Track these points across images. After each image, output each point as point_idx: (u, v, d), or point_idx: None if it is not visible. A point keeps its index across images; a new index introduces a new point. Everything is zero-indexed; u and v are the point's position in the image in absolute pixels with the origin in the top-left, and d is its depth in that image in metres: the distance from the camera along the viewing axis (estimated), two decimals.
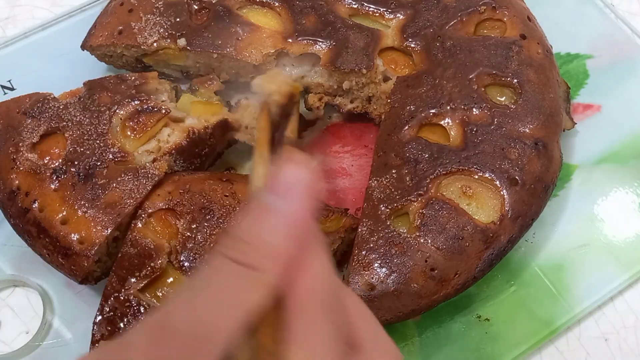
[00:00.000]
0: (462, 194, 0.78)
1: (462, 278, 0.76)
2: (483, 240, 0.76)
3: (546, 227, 0.86)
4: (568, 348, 0.81)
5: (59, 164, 0.80)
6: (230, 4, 0.92)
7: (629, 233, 0.86)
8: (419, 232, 0.76)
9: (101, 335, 0.73)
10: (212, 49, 0.89)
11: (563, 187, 0.89)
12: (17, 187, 0.79)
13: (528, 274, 0.84)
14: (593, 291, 0.82)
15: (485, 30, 0.89)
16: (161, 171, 0.80)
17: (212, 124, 0.85)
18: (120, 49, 0.92)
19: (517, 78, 0.84)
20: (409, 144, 0.81)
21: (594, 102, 0.95)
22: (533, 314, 0.81)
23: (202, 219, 0.78)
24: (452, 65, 0.85)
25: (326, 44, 0.89)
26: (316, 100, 0.92)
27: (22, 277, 0.83)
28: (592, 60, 0.99)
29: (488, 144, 0.80)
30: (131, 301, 0.74)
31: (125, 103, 0.84)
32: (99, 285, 0.81)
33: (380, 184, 0.79)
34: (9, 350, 0.80)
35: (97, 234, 0.77)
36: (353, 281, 0.74)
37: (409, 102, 0.84)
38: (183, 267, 0.75)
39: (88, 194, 0.78)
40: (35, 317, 0.82)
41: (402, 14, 0.90)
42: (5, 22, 1.05)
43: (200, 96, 0.90)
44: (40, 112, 0.83)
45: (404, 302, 0.75)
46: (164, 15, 0.91)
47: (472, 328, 0.81)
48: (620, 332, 0.82)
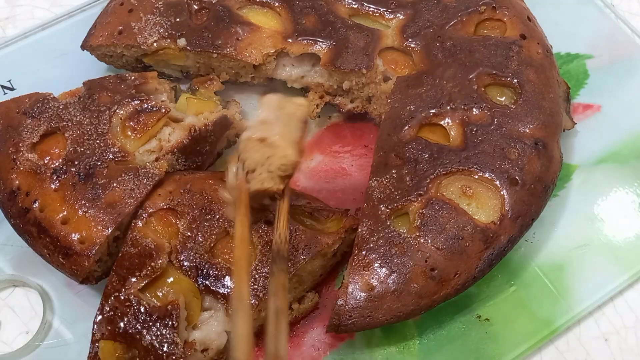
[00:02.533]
0: (462, 194, 0.78)
1: (462, 278, 0.76)
2: (483, 240, 0.76)
3: (546, 227, 0.86)
4: (568, 348, 0.81)
5: (59, 163, 0.80)
6: (230, 4, 0.92)
7: (629, 233, 0.86)
8: (419, 232, 0.76)
9: (101, 334, 0.73)
10: (212, 49, 0.89)
11: (563, 187, 0.89)
12: (17, 187, 0.79)
13: (528, 274, 0.84)
14: (593, 291, 0.83)
15: (485, 30, 0.89)
16: (162, 170, 0.80)
17: (211, 121, 0.86)
18: (120, 49, 0.92)
19: (517, 78, 0.84)
20: (409, 144, 0.81)
21: (594, 102, 0.95)
22: (533, 314, 0.81)
23: (203, 219, 0.78)
24: (452, 65, 0.86)
25: (326, 44, 0.89)
26: (317, 99, 0.92)
27: (22, 277, 0.83)
28: (592, 60, 0.99)
29: (488, 144, 0.80)
30: (131, 301, 0.74)
31: (125, 103, 0.84)
32: (99, 285, 0.81)
33: (380, 184, 0.79)
34: (9, 350, 0.80)
35: (98, 234, 0.77)
36: (353, 281, 0.74)
37: (409, 102, 0.84)
38: (183, 266, 0.75)
39: (88, 193, 0.78)
40: (35, 317, 0.82)
41: (402, 14, 0.90)
42: (5, 22, 1.05)
43: (200, 96, 0.90)
44: (40, 112, 0.83)
45: (404, 302, 0.75)
46: (164, 15, 0.91)
47: (472, 328, 0.81)
48: (620, 332, 0.82)
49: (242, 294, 0.61)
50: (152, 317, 0.73)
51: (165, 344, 0.72)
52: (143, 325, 0.73)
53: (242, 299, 0.61)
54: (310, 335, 0.80)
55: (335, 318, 0.75)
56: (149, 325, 0.72)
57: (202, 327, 0.74)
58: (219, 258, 0.76)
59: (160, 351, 0.71)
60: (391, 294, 0.74)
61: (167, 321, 0.72)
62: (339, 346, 0.80)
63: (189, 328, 0.74)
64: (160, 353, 0.71)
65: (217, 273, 0.75)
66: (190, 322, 0.74)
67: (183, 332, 0.73)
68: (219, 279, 0.75)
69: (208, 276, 0.75)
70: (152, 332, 0.72)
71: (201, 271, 0.75)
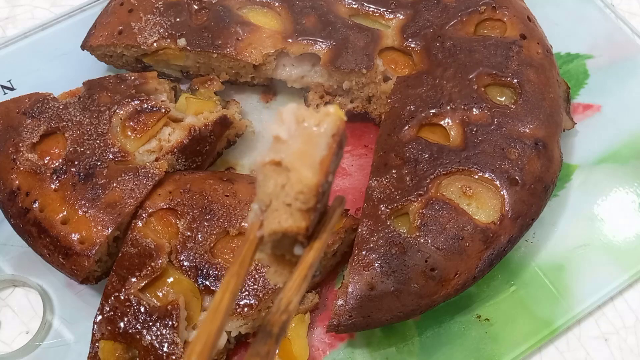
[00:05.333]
0: (462, 194, 0.78)
1: (462, 278, 0.76)
2: (483, 240, 0.76)
3: (546, 227, 0.86)
4: (568, 348, 0.81)
5: (59, 164, 0.80)
6: (230, 4, 0.92)
7: (629, 233, 0.86)
8: (419, 232, 0.76)
9: (101, 334, 0.73)
10: (212, 49, 0.89)
11: (563, 187, 0.89)
12: (17, 187, 0.79)
13: (528, 274, 0.84)
14: (593, 291, 0.82)
15: (485, 30, 0.89)
16: (161, 170, 0.80)
17: (211, 121, 0.86)
18: (120, 49, 0.92)
19: (517, 78, 0.84)
20: (409, 144, 0.81)
21: (594, 102, 0.95)
22: (533, 314, 0.81)
23: (203, 219, 0.78)
24: (452, 65, 0.86)
25: (326, 44, 0.89)
26: (317, 99, 0.92)
27: (22, 277, 0.83)
28: (592, 60, 0.99)
29: (488, 144, 0.80)
30: (131, 300, 0.74)
31: (125, 103, 0.84)
32: (99, 285, 0.81)
33: (380, 184, 0.79)
34: (9, 350, 0.80)
35: (98, 234, 0.77)
36: (353, 281, 0.74)
37: (409, 102, 0.84)
38: (183, 266, 0.75)
39: (88, 193, 0.78)
40: (35, 317, 0.82)
41: (402, 14, 0.90)
42: (5, 22, 1.05)
43: (200, 96, 0.90)
44: (40, 112, 0.83)
45: (404, 302, 0.75)
46: (164, 15, 0.91)
47: (472, 328, 0.81)
48: (620, 332, 0.82)
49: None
50: (152, 317, 0.73)
51: (165, 344, 0.72)
52: (143, 325, 0.73)
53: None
54: (310, 335, 0.80)
55: (335, 318, 0.75)
56: (149, 325, 0.72)
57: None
58: (219, 258, 0.76)
59: (160, 351, 0.71)
60: (391, 294, 0.74)
61: (167, 321, 0.72)
62: (339, 346, 0.80)
63: (189, 328, 0.74)
64: (160, 353, 0.71)
65: (217, 273, 0.75)
66: (190, 322, 0.74)
67: (183, 332, 0.73)
68: (219, 279, 0.75)
69: (208, 276, 0.75)
70: (152, 332, 0.72)
71: (201, 271, 0.75)
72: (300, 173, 0.50)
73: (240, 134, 0.92)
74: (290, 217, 0.51)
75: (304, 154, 0.51)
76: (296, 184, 0.50)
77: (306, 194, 0.51)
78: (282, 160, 0.51)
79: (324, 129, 0.52)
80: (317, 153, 0.51)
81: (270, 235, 0.51)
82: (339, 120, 0.52)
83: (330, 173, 0.52)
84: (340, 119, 0.52)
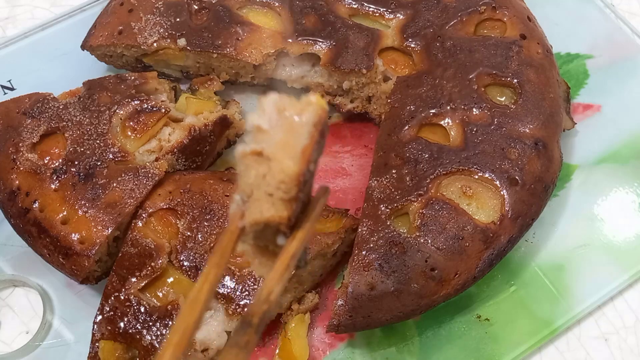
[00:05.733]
0: (462, 194, 0.78)
1: (462, 278, 0.76)
2: (483, 240, 0.76)
3: (546, 227, 0.86)
4: (568, 348, 0.81)
5: (59, 164, 0.80)
6: (230, 4, 0.92)
7: (629, 233, 0.86)
8: (419, 232, 0.76)
9: (101, 334, 0.73)
10: (212, 49, 0.89)
11: (563, 187, 0.89)
12: (17, 187, 0.79)
13: (528, 274, 0.84)
14: (593, 291, 0.83)
15: (485, 30, 0.89)
16: (161, 170, 0.80)
17: (211, 121, 0.86)
18: (120, 49, 0.92)
19: (517, 78, 0.84)
20: (409, 144, 0.81)
21: (594, 102, 0.96)
22: (533, 314, 0.81)
23: (203, 219, 0.78)
24: (452, 65, 0.86)
25: (326, 44, 0.89)
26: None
27: (22, 277, 0.83)
28: (592, 60, 0.99)
29: (488, 144, 0.80)
30: (131, 300, 0.74)
31: (125, 103, 0.84)
32: (99, 285, 0.81)
33: (380, 184, 0.79)
34: (9, 350, 0.80)
35: (98, 234, 0.77)
36: (353, 281, 0.74)
37: (409, 102, 0.84)
38: (183, 266, 0.75)
39: (88, 193, 0.78)
40: (35, 317, 0.82)
41: (402, 14, 0.90)
42: (5, 22, 1.05)
43: (200, 96, 0.90)
44: (40, 112, 0.83)
45: (404, 302, 0.75)
46: (164, 15, 0.91)
47: (472, 328, 0.81)
48: (620, 332, 0.82)
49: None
50: (152, 317, 0.73)
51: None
52: (143, 325, 0.73)
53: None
54: (310, 335, 0.80)
55: (335, 318, 0.75)
56: (149, 325, 0.72)
57: (202, 327, 0.74)
58: None
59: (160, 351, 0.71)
60: (391, 294, 0.74)
61: (167, 321, 0.72)
62: (339, 346, 0.80)
63: None
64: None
65: None
66: None
67: None
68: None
69: None
70: (152, 332, 0.72)
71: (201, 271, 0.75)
72: (282, 162, 0.50)
73: (240, 134, 0.92)
74: (272, 207, 0.50)
75: (286, 143, 0.51)
76: (278, 174, 0.50)
77: (288, 184, 0.50)
78: (264, 150, 0.50)
79: (306, 118, 0.52)
80: (299, 142, 0.51)
81: (252, 226, 0.51)
82: (320, 109, 0.52)
83: (312, 162, 0.52)
84: (321, 108, 0.51)
